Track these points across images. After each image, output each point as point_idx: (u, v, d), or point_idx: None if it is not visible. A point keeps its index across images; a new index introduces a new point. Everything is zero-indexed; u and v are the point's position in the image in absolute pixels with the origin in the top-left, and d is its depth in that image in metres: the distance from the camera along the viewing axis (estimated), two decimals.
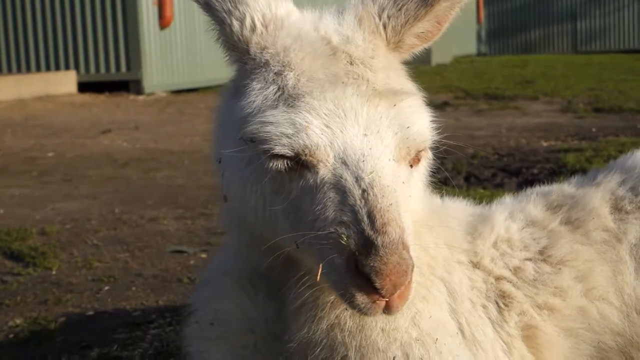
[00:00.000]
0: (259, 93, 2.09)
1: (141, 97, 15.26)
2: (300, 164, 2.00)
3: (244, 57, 2.19)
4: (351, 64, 2.12)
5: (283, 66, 2.10)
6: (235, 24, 2.17)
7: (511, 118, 12.25)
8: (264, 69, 2.13)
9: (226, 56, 2.28)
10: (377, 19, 2.20)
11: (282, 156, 1.99)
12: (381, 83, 2.09)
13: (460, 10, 2.31)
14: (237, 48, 2.20)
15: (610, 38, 31.53)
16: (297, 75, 2.07)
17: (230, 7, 2.16)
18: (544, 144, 9.51)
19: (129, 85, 15.68)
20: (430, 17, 2.23)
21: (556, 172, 7.51)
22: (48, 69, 16.06)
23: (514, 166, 8.06)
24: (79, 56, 15.91)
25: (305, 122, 1.99)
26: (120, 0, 15.50)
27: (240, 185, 2.11)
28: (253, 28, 2.18)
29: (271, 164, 2.01)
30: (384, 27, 2.20)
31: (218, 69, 2.36)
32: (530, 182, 7.06)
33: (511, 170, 7.84)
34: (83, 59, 15.88)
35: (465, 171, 7.78)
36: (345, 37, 2.18)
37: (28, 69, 16.18)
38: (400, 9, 2.20)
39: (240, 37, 2.18)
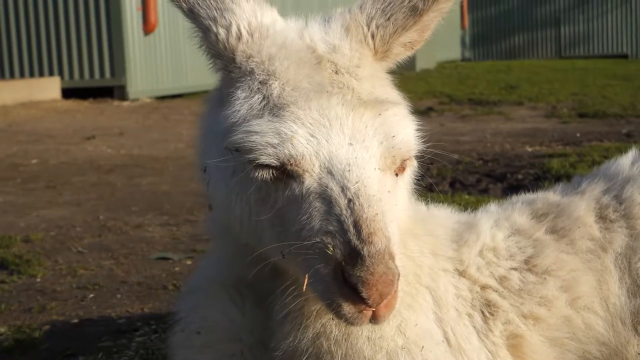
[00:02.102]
0: (244, 102, 2.08)
1: (125, 103, 15.24)
2: (286, 173, 2.00)
3: (230, 66, 2.17)
4: (336, 72, 2.12)
5: (268, 75, 2.10)
6: (222, 32, 2.16)
7: (495, 123, 12.28)
8: (249, 78, 2.12)
9: (210, 64, 2.26)
10: (365, 29, 2.20)
11: (268, 166, 1.99)
12: (366, 92, 2.08)
13: (443, 17, 2.31)
14: (222, 56, 2.18)
15: (594, 43, 31.69)
16: (282, 85, 2.07)
17: (216, 15, 2.15)
18: (529, 149, 9.55)
19: (113, 91, 15.67)
20: (418, 27, 2.23)
21: (541, 177, 7.54)
22: (32, 75, 16.02)
23: (499, 171, 8.07)
24: (63, 62, 15.88)
25: (291, 131, 1.99)
26: (104, 5, 15.47)
27: (225, 195, 2.11)
28: (239, 36, 2.17)
29: (257, 174, 2.00)
30: (372, 36, 2.20)
31: (203, 75, 2.37)
32: (515, 187, 7.10)
33: (496, 176, 7.86)
34: (67, 65, 15.86)
35: (450, 177, 7.79)
36: (331, 45, 2.17)
37: (12, 75, 16.14)
38: (389, 19, 2.19)
39: (226, 45, 2.16)
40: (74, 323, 4.20)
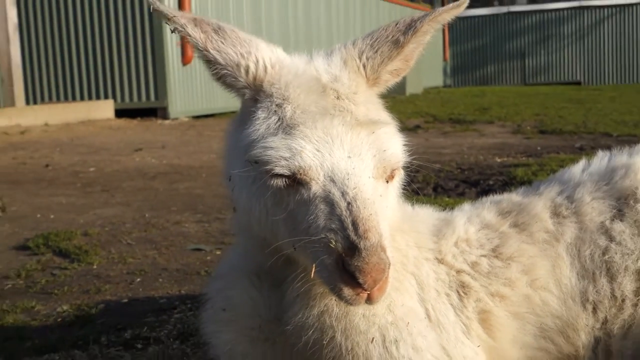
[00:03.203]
0: (263, 122, 2.09)
1: (167, 122, 15.25)
2: (296, 181, 2.01)
3: (256, 92, 2.18)
4: (338, 98, 2.12)
5: (283, 100, 2.10)
6: (252, 65, 2.16)
7: (471, 138, 12.26)
8: (268, 101, 2.12)
9: (236, 91, 2.24)
10: (358, 61, 2.21)
11: (281, 175, 2.00)
12: (362, 114, 2.09)
13: (425, 49, 2.30)
14: (251, 85, 2.18)
15: (553, 73, 31.67)
16: (294, 108, 2.08)
17: (244, 52, 2.16)
18: (498, 160, 9.52)
19: (157, 111, 15.69)
20: (401, 57, 2.23)
21: (508, 183, 7.52)
22: (90, 98, 16.06)
23: (474, 178, 8.06)
24: (116, 87, 15.92)
25: (300, 147, 2.00)
26: (150, 42, 15.51)
27: (247, 199, 2.12)
28: (265, 68, 2.17)
29: (272, 182, 2.02)
30: (364, 67, 2.21)
31: (230, 98, 2.41)
32: (486, 191, 7.10)
33: (471, 182, 7.84)
34: (119, 90, 15.89)
35: (433, 183, 7.78)
36: (333, 76, 2.18)
37: (74, 98, 16.18)
38: (376, 52, 2.20)
39: (256, 75, 2.16)
40: (123, 302, 4.22)
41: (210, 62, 2.18)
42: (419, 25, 2.19)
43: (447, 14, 2.23)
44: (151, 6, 2.12)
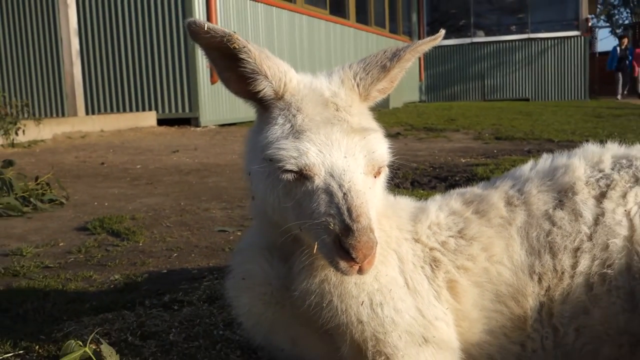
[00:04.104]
0: (279, 127, 2.09)
1: (199, 129, 15.23)
2: (303, 176, 2.00)
3: (279, 101, 2.15)
4: (337, 110, 2.12)
5: (297, 110, 2.10)
6: (287, 81, 2.15)
7: (441, 143, 12.25)
8: (286, 110, 2.12)
9: (258, 101, 2.18)
10: (353, 80, 2.21)
11: (291, 171, 2.00)
12: (356, 123, 2.09)
13: (406, 73, 2.31)
14: (278, 96, 2.15)
15: (507, 91, 31.59)
16: (303, 117, 2.08)
17: (277, 70, 2.13)
18: (463, 160, 9.50)
19: (190, 121, 15.66)
20: (387, 79, 2.24)
21: (470, 179, 7.52)
22: (137, 109, 16.03)
23: (443, 175, 8.04)
24: (158, 101, 15.89)
25: (306, 148, 2.00)
26: (185, 65, 15.48)
27: (263, 190, 2.12)
28: (290, 80, 2.16)
29: (283, 176, 2.02)
30: (358, 86, 2.21)
31: (249, 110, 2.40)
32: (453, 185, 7.09)
33: (441, 178, 7.83)
34: (160, 103, 15.86)
35: (410, 178, 7.77)
36: (333, 92, 2.18)
37: (124, 110, 16.16)
38: (367, 74, 2.20)
39: (283, 87, 2.14)
40: (163, 272, 4.22)
41: (251, 74, 2.11)
42: (403, 54, 2.20)
43: (425, 46, 2.24)
44: (205, 25, 2.02)
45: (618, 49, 32.59)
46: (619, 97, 31.26)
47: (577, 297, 2.30)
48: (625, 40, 33.10)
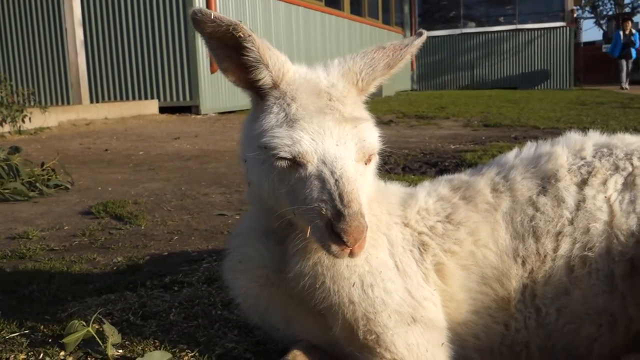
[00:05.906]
0: (274, 116, 2.07)
1: (199, 117, 15.19)
2: (296, 163, 1.99)
3: (275, 90, 2.13)
4: (330, 100, 2.10)
5: (292, 99, 2.08)
6: (285, 71, 2.13)
7: (432, 130, 12.24)
8: (282, 99, 2.10)
9: (255, 90, 2.16)
10: (357, 75, 2.18)
11: (285, 158, 1.99)
12: (348, 113, 2.08)
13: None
14: (276, 86, 2.13)
15: (495, 80, 31.60)
16: (297, 106, 2.06)
17: (277, 60, 2.10)
18: (452, 146, 9.50)
19: (191, 109, 15.62)
20: (388, 75, 2.24)
21: (459, 164, 7.52)
22: (140, 98, 15.98)
23: (433, 161, 8.04)
24: (160, 90, 15.83)
25: (299, 137, 1.98)
26: (186, 55, 15.42)
27: (258, 177, 2.11)
28: (288, 71, 2.14)
29: (277, 163, 2.00)
30: (362, 81, 2.19)
31: (248, 99, 2.38)
32: (443, 171, 7.10)
33: (431, 163, 7.83)
34: (162, 92, 15.80)
35: (402, 164, 7.76)
36: (330, 82, 2.15)
37: (127, 98, 16.10)
38: (373, 69, 2.19)
39: (280, 77, 2.12)
40: (164, 255, 4.22)
41: (254, 63, 2.09)
42: (404, 54, 2.21)
43: (415, 48, 2.25)
44: (212, 14, 1.97)
45: (621, 34, 28.05)
46: (625, 86, 27.31)
47: (558, 279, 2.30)
48: (629, 24, 28.43)
